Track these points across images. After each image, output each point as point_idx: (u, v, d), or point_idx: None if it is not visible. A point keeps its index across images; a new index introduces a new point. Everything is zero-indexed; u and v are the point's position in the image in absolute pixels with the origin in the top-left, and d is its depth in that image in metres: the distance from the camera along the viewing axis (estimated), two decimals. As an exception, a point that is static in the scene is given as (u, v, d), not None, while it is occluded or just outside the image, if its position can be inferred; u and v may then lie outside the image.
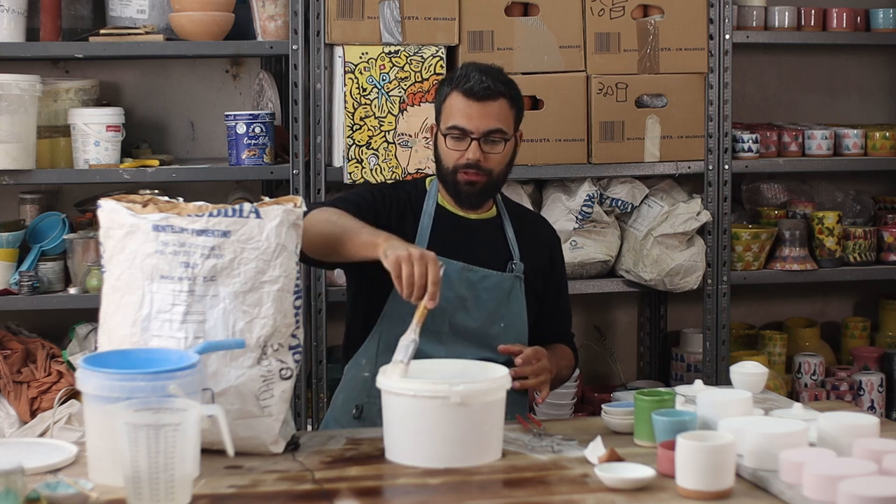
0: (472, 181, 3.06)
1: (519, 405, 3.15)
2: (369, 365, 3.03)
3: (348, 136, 3.83)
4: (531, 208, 3.92)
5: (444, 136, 3.05)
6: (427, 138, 3.83)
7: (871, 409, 4.31)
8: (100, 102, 4.03)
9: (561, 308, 3.28)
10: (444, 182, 3.11)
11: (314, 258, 2.95)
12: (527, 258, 3.14)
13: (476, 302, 3.06)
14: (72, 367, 3.72)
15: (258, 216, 2.55)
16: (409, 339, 2.65)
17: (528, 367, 2.95)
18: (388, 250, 2.70)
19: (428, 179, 3.20)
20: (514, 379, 2.88)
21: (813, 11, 4.34)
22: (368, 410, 3.05)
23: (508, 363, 2.96)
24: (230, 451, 2.34)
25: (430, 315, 2.94)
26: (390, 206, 3.09)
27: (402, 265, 2.67)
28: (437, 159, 3.10)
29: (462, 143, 3.04)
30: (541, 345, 3.16)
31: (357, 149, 3.84)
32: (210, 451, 2.44)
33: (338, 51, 3.85)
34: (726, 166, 4.13)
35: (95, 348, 3.24)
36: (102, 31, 3.86)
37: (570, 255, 4.03)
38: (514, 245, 3.14)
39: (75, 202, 4.09)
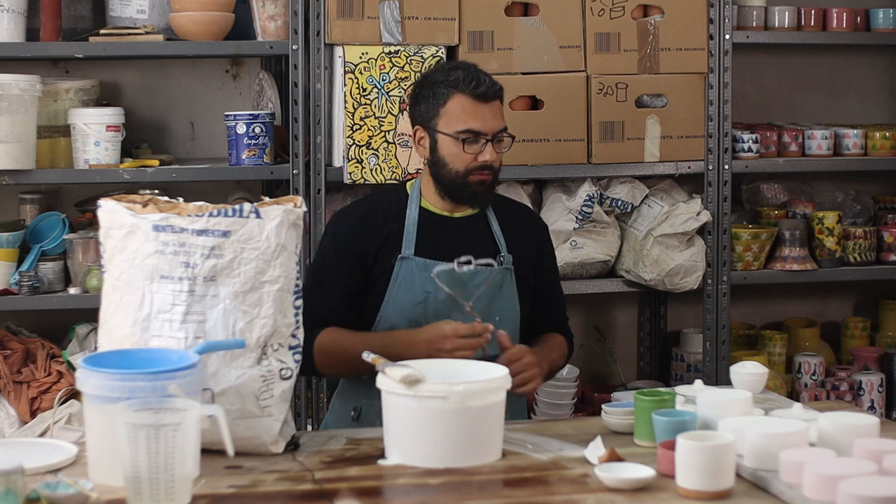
0: (484, 181, 3.08)
1: (518, 405, 3.16)
2: None
3: (348, 136, 3.83)
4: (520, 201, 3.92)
5: (458, 140, 3.04)
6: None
7: (871, 409, 4.31)
8: (100, 102, 4.03)
9: (554, 294, 3.28)
10: (449, 185, 3.08)
11: None
12: (515, 249, 3.15)
13: (469, 300, 3.05)
14: (72, 367, 3.72)
15: (258, 216, 2.55)
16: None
17: (512, 367, 2.92)
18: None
19: (409, 183, 3.20)
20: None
21: (813, 11, 4.34)
22: (367, 412, 3.06)
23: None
24: (230, 451, 2.35)
25: (427, 318, 3.02)
26: (364, 231, 3.09)
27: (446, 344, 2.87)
28: (440, 163, 3.07)
29: (476, 146, 3.04)
30: (536, 334, 3.18)
31: (357, 149, 3.84)
32: (210, 451, 2.44)
33: (338, 51, 3.85)
34: (726, 166, 4.13)
35: (95, 348, 3.24)
36: (102, 31, 3.86)
37: (570, 255, 4.03)
38: (500, 238, 3.14)
39: (75, 202, 4.09)
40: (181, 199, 2.64)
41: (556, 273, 3.32)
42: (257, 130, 3.84)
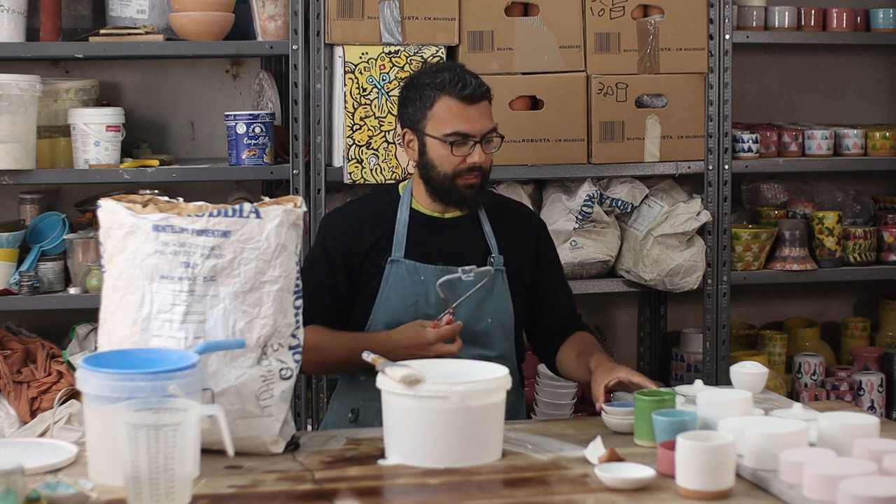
0: (473, 184, 3.06)
1: (518, 405, 3.16)
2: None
3: (348, 136, 3.83)
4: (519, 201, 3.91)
5: (446, 142, 3.03)
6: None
7: (871, 409, 4.31)
8: (100, 102, 4.03)
9: (559, 291, 3.25)
10: (438, 187, 3.08)
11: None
12: (507, 249, 3.13)
13: (456, 301, 3.04)
14: (72, 367, 3.72)
15: (258, 216, 2.55)
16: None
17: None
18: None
19: (402, 185, 3.19)
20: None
21: (813, 11, 4.34)
22: (364, 413, 3.06)
23: (502, 359, 2.97)
24: (230, 451, 2.35)
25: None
26: (353, 233, 3.10)
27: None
28: (429, 165, 3.06)
29: (464, 149, 3.03)
30: (552, 334, 3.18)
31: (357, 149, 3.84)
32: (210, 451, 2.44)
33: (338, 51, 3.85)
34: (726, 166, 4.13)
35: (95, 348, 3.24)
36: (102, 31, 3.86)
37: (571, 255, 4.03)
38: (491, 238, 3.13)
39: (75, 202, 4.09)
40: (181, 199, 2.64)
41: (560, 270, 3.28)
42: (257, 130, 3.84)
